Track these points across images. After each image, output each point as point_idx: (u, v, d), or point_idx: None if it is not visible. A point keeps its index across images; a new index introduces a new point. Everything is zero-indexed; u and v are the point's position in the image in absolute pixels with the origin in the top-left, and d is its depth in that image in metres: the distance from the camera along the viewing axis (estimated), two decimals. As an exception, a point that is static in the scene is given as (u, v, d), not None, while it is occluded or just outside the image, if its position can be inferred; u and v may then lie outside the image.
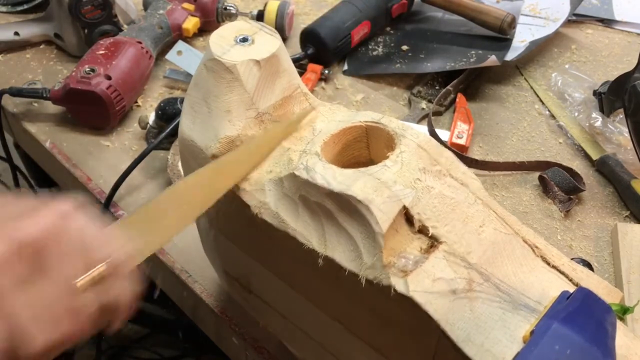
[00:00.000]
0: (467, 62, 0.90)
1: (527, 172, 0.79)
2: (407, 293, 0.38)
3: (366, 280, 0.40)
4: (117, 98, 0.82)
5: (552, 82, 0.92)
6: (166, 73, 0.93)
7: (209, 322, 0.70)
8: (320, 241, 0.42)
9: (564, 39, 1.03)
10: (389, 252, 0.40)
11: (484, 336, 0.37)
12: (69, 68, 0.94)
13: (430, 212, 0.41)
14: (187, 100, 0.51)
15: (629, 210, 0.74)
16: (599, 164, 0.79)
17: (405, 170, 0.42)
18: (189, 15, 0.98)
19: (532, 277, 0.41)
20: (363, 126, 0.48)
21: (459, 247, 0.40)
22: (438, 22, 1.04)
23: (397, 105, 0.91)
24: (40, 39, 0.98)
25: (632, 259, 0.66)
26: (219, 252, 0.57)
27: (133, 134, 0.85)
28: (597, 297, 0.37)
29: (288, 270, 0.49)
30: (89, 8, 0.90)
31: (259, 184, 0.47)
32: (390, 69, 0.94)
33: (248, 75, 0.48)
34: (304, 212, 0.44)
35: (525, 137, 0.85)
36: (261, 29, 0.51)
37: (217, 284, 0.67)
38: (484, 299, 0.38)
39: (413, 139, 0.45)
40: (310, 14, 1.08)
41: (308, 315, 0.50)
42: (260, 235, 0.47)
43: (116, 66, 0.83)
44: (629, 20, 1.07)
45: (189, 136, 0.50)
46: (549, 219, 0.73)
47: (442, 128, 0.85)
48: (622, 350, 0.37)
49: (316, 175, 0.42)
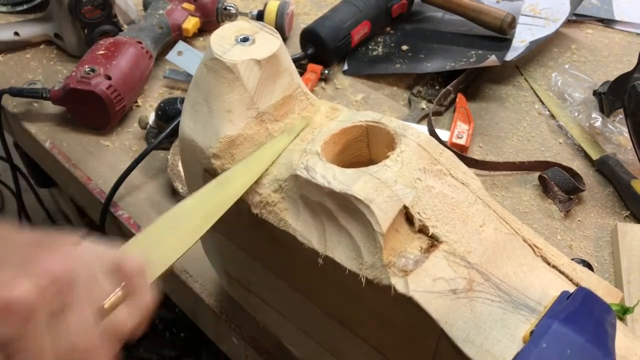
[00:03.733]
0: (467, 62, 0.90)
1: (527, 172, 0.79)
2: (407, 293, 0.38)
3: (366, 280, 0.40)
4: (117, 98, 0.82)
5: (552, 82, 0.92)
6: (166, 73, 0.93)
7: (209, 322, 0.70)
8: (320, 241, 0.42)
9: (564, 39, 1.03)
10: (389, 252, 0.40)
11: (484, 336, 0.37)
12: (69, 68, 0.94)
13: (430, 211, 0.41)
14: (188, 99, 0.51)
15: (629, 210, 0.74)
16: (599, 164, 0.79)
17: (406, 170, 0.42)
18: (189, 15, 0.98)
19: (532, 277, 0.41)
20: (363, 126, 0.48)
21: (459, 246, 0.40)
22: (438, 22, 1.04)
23: (397, 105, 0.91)
24: (40, 39, 0.98)
25: (632, 259, 0.66)
26: (219, 252, 0.57)
27: (133, 134, 0.85)
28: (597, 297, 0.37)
29: (288, 270, 0.49)
30: (89, 8, 0.90)
31: (259, 183, 0.47)
32: (390, 69, 0.94)
33: (249, 75, 0.48)
34: (305, 211, 0.44)
35: (525, 137, 0.85)
36: (262, 29, 0.51)
37: (217, 284, 0.67)
38: (484, 298, 0.38)
39: (413, 138, 0.45)
40: (310, 14, 1.08)
41: (308, 315, 0.50)
42: (261, 235, 0.47)
43: (116, 66, 0.83)
44: (629, 20, 1.07)
45: (189, 136, 0.50)
46: (549, 219, 0.73)
47: (442, 128, 0.85)
48: (622, 351, 0.37)
49: (316, 174, 0.42)
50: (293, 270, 0.48)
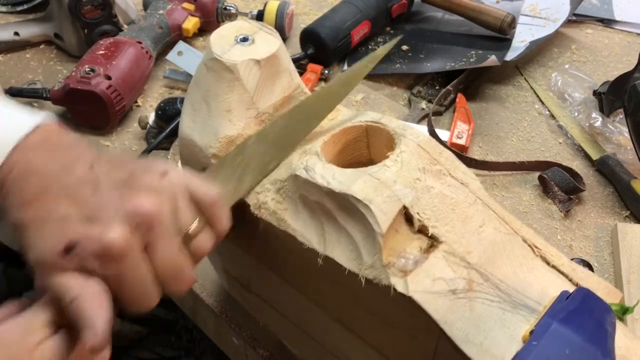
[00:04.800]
0: (467, 62, 0.90)
1: (527, 172, 0.79)
2: (407, 293, 0.38)
3: (366, 280, 0.40)
4: (117, 98, 0.82)
5: (552, 82, 0.92)
6: (166, 73, 0.93)
7: (209, 322, 0.70)
8: (320, 241, 0.42)
9: (564, 39, 1.03)
10: (388, 252, 0.40)
11: (484, 336, 0.37)
12: (69, 68, 0.94)
13: (430, 211, 0.41)
14: (187, 99, 0.51)
15: (629, 210, 0.74)
16: (599, 164, 0.79)
17: (405, 170, 0.42)
18: (188, 15, 0.98)
19: (532, 277, 0.41)
20: (363, 126, 0.48)
21: (459, 247, 0.40)
22: (438, 22, 1.04)
23: (397, 105, 0.91)
24: (40, 39, 0.98)
25: (632, 259, 0.66)
26: (219, 252, 0.57)
27: (133, 134, 0.85)
28: (596, 297, 0.37)
29: (288, 270, 0.49)
30: (89, 8, 0.90)
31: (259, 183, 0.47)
32: (390, 69, 0.94)
33: (248, 75, 0.48)
34: (304, 211, 0.44)
35: (525, 137, 0.85)
36: (261, 29, 0.51)
37: (217, 284, 0.67)
38: (484, 298, 0.38)
39: (413, 138, 0.45)
40: (310, 14, 1.08)
41: (308, 315, 0.50)
42: (260, 235, 0.47)
43: (116, 66, 0.83)
44: (629, 20, 1.07)
45: (189, 136, 0.50)
46: (549, 219, 0.73)
47: (442, 128, 0.85)
48: (621, 351, 0.37)
49: (316, 174, 0.42)
50: (293, 271, 0.48)
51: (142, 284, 0.38)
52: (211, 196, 0.41)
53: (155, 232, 0.38)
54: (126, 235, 0.37)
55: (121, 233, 0.37)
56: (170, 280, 0.40)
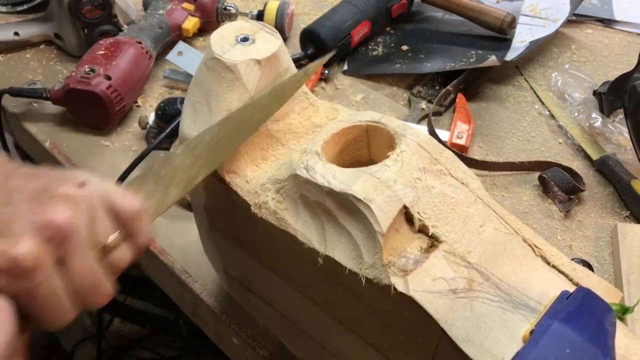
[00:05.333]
0: (467, 62, 0.91)
1: (527, 172, 0.79)
2: (407, 292, 0.38)
3: (366, 280, 0.40)
4: (117, 98, 0.82)
5: (552, 82, 0.92)
6: (166, 73, 0.93)
7: (209, 322, 0.70)
8: (320, 240, 0.42)
9: (564, 39, 1.04)
10: (389, 252, 0.40)
11: (484, 336, 0.37)
12: (69, 68, 0.94)
13: (430, 211, 0.41)
14: (188, 99, 0.51)
15: (629, 210, 0.74)
16: (599, 164, 0.79)
17: (406, 170, 0.42)
18: (188, 15, 0.98)
19: (532, 276, 0.41)
20: (363, 126, 0.48)
21: (459, 246, 0.40)
22: (438, 22, 1.04)
23: (397, 105, 0.91)
24: (40, 39, 0.98)
25: (632, 259, 0.66)
26: (219, 252, 0.57)
27: (133, 134, 0.85)
28: (597, 297, 0.37)
29: (288, 270, 0.49)
30: (89, 8, 0.90)
31: (259, 183, 0.47)
32: (390, 69, 0.94)
33: (249, 75, 0.48)
34: (304, 211, 0.44)
35: (525, 137, 0.85)
36: (262, 29, 0.51)
37: (217, 284, 0.67)
38: (484, 298, 0.38)
39: (413, 138, 0.45)
40: (310, 14, 1.08)
41: (308, 315, 0.50)
42: (261, 235, 0.47)
43: (116, 66, 0.83)
44: (629, 20, 1.08)
45: (189, 136, 0.50)
46: (549, 219, 0.73)
47: (442, 128, 0.85)
48: (621, 350, 0.37)
49: (316, 174, 0.42)
50: (293, 270, 0.48)
51: (54, 299, 0.36)
52: (132, 208, 0.40)
53: (68, 245, 0.36)
54: (35, 249, 0.35)
55: (30, 247, 0.35)
56: (86, 294, 0.38)
